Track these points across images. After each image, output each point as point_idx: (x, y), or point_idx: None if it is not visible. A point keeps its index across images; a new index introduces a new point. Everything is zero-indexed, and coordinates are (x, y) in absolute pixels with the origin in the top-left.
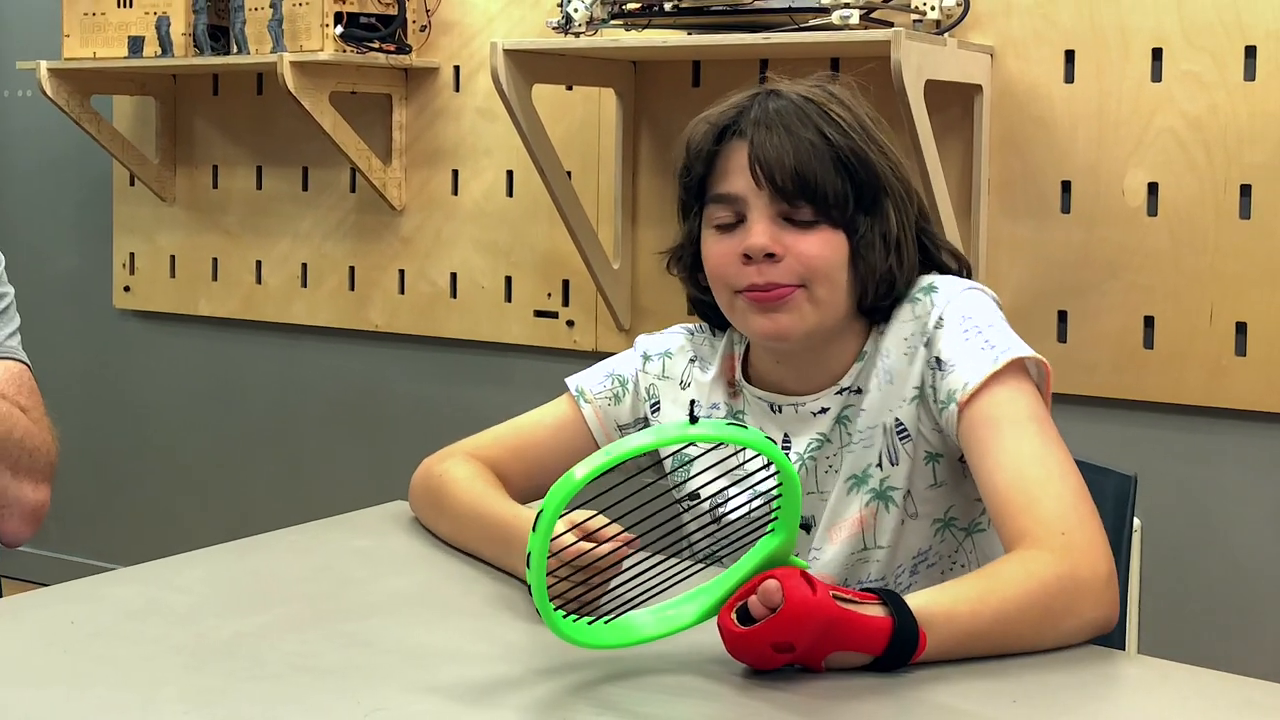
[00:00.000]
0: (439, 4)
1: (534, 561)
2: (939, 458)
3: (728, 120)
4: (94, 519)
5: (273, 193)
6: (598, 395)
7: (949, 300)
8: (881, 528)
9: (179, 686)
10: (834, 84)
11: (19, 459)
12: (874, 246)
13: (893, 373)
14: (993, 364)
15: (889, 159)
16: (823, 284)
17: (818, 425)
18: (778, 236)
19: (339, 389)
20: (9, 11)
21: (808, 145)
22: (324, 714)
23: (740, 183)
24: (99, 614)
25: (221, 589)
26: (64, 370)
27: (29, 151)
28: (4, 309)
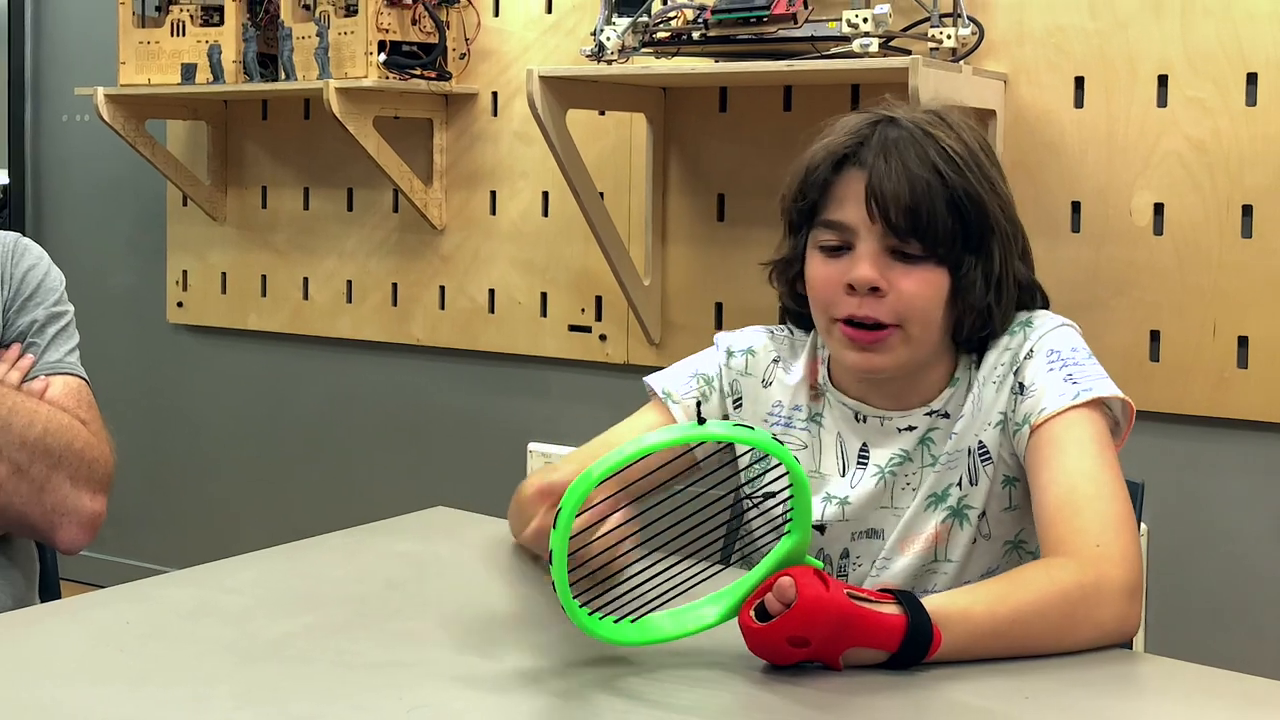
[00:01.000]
0: (478, 33)
1: (555, 558)
2: (1015, 482)
3: (847, 149)
4: (149, 524)
5: (319, 213)
6: (685, 396)
7: (1042, 335)
8: (954, 544)
9: (230, 684)
10: (950, 111)
11: (78, 469)
12: (975, 285)
13: (983, 399)
14: (1073, 399)
15: (1000, 197)
16: (918, 323)
17: (901, 441)
18: (884, 271)
19: (382, 400)
20: (68, 40)
21: (924, 183)
22: (368, 711)
23: (853, 213)
24: (153, 615)
25: (270, 591)
26: (121, 383)
27: (87, 174)
28: (64, 327)
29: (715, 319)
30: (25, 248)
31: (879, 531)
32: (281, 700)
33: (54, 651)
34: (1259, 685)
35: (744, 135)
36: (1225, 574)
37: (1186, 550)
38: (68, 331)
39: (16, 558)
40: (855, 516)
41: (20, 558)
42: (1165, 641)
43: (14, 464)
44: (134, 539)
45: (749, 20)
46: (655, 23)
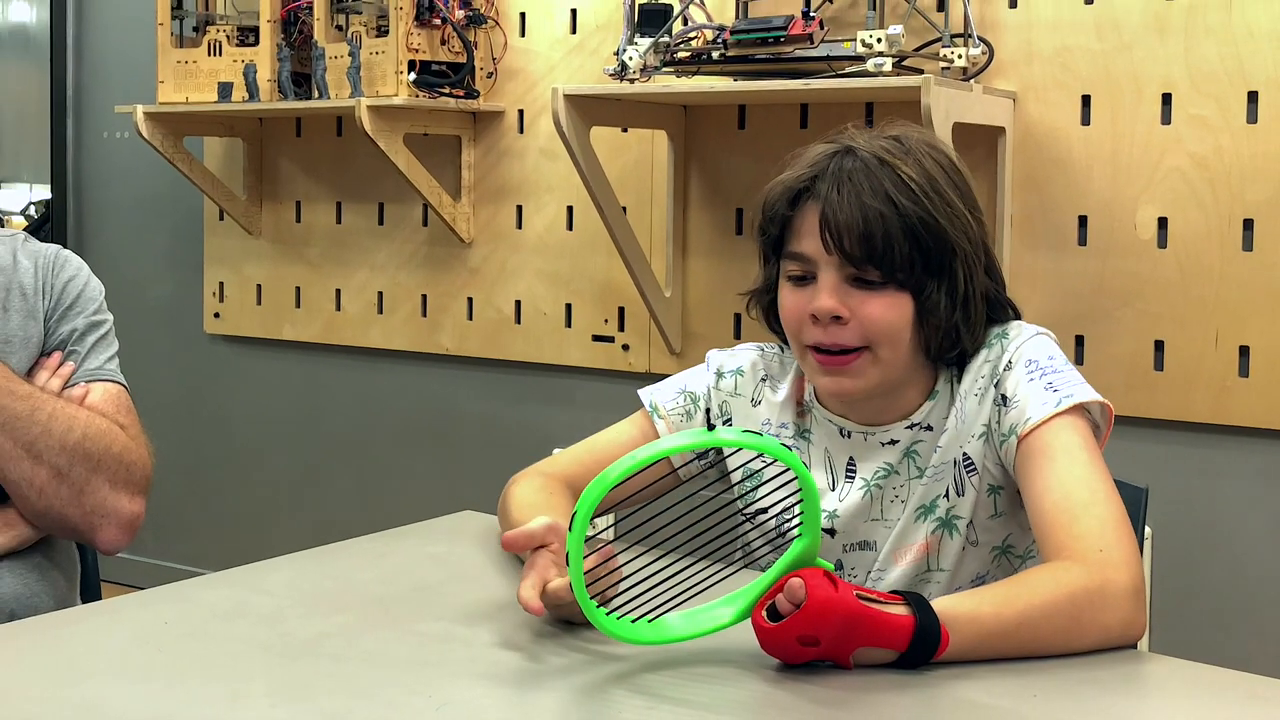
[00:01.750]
0: (505, 53)
1: (572, 559)
2: (1000, 490)
3: (802, 184)
4: (186, 527)
5: (351, 227)
6: (671, 411)
7: (1019, 345)
8: (945, 553)
9: (264, 681)
10: (912, 132)
11: (116, 472)
12: (940, 305)
13: (965, 412)
14: (1056, 406)
15: (959, 220)
16: (886, 345)
17: (885, 455)
18: (844, 299)
19: (412, 408)
20: (108, 59)
21: (876, 213)
22: (398, 707)
23: (811, 245)
24: (191, 615)
25: (304, 592)
26: (159, 390)
27: (126, 189)
28: (103, 335)
29: (734, 329)
30: (66, 259)
31: (871, 543)
32: (314, 697)
33: (95, 650)
34: (1261, 683)
35: (762, 152)
36: (1228, 576)
37: (1190, 553)
38: (107, 340)
39: (58, 560)
40: (845, 529)
41: (62, 560)
42: (1170, 641)
43: (54, 468)
44: (172, 542)
45: (767, 40)
46: (676, 43)
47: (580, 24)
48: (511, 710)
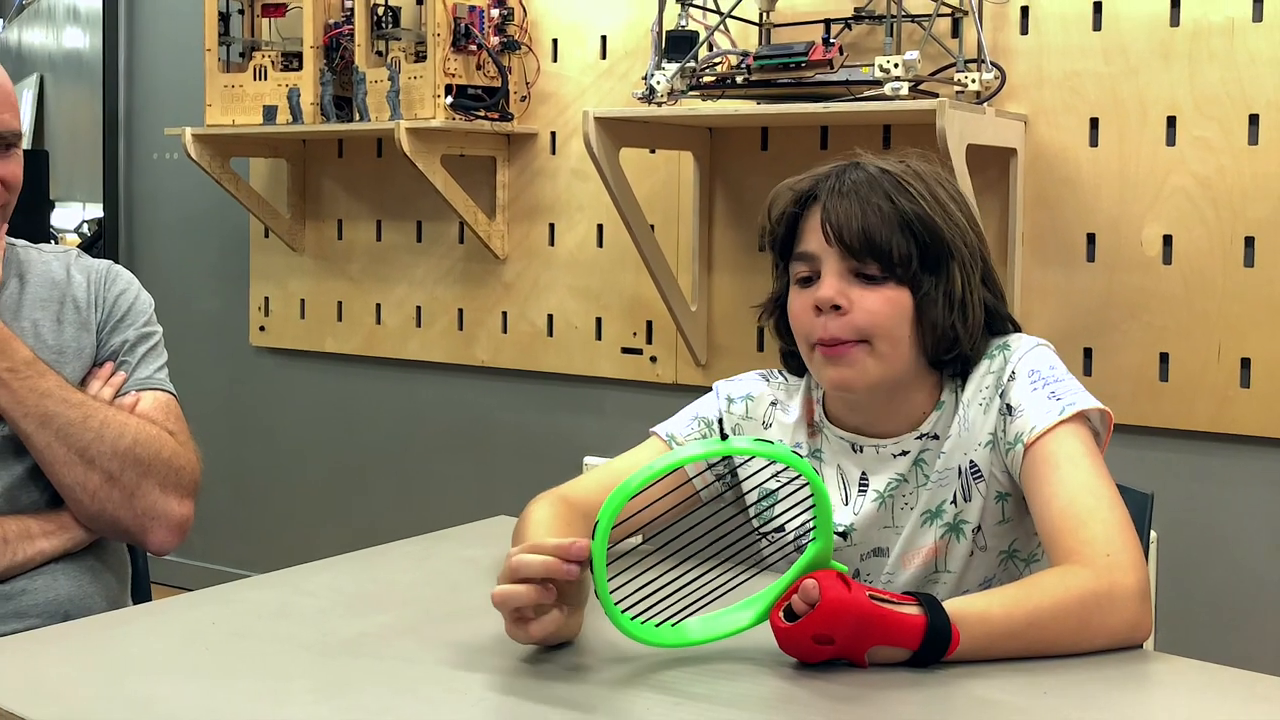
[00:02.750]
0: (538, 77)
1: (595, 564)
2: (1007, 497)
3: (806, 188)
4: (233, 531)
5: (391, 244)
6: (687, 437)
7: (1020, 356)
8: (952, 556)
9: (307, 679)
10: (918, 160)
11: (166, 476)
12: (937, 303)
13: (970, 421)
14: (1059, 414)
15: (955, 225)
16: (884, 339)
17: (896, 466)
18: (845, 290)
19: (449, 417)
20: (158, 84)
21: (875, 209)
22: (435, 703)
23: (815, 242)
24: (237, 615)
25: (345, 593)
26: (207, 400)
27: (176, 208)
28: (153, 346)
29: (757, 342)
30: (117, 274)
31: (884, 549)
32: (355, 694)
33: (146, 649)
34: (1262, 681)
35: (784, 172)
36: (1230, 578)
37: (1194, 556)
38: (157, 350)
39: (110, 562)
40: (861, 540)
41: (114, 562)
42: (1174, 641)
43: (107, 472)
44: (220, 545)
45: (788, 65)
46: (702, 68)
47: (610, 50)
48: (543, 705)
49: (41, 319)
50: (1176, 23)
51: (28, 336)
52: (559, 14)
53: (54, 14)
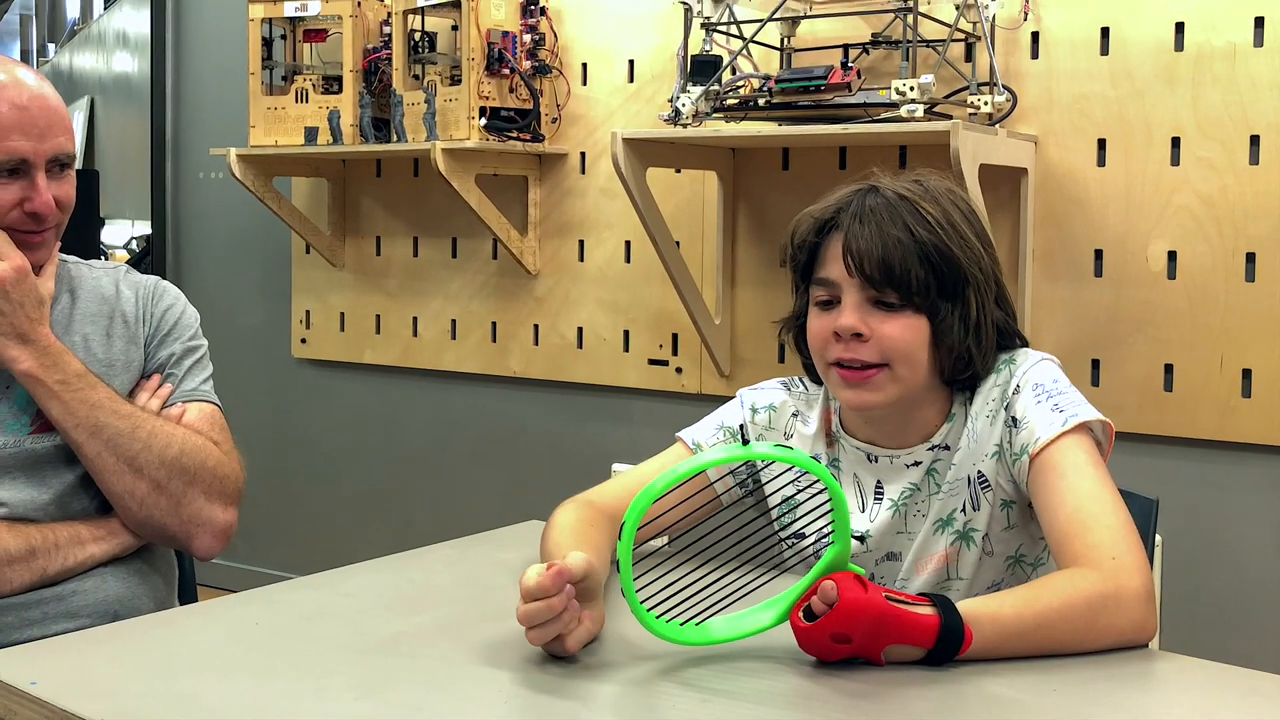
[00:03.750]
0: (568, 100)
1: (622, 565)
2: (1013, 504)
3: (828, 215)
4: (275, 535)
5: (427, 259)
6: (711, 444)
7: (1025, 371)
8: (963, 562)
9: (346, 677)
10: (933, 178)
11: (211, 485)
12: (953, 329)
13: (978, 433)
14: (1062, 425)
15: (971, 252)
16: (903, 363)
17: (910, 476)
18: (865, 319)
19: (483, 426)
20: (204, 106)
21: (894, 240)
22: (469, 699)
23: (836, 270)
24: (279, 616)
25: (383, 595)
26: (251, 410)
27: (221, 225)
28: (199, 359)
29: (778, 354)
30: (164, 289)
31: (897, 555)
32: (393, 691)
33: (192, 648)
34: (1263, 679)
35: (804, 191)
36: (1232, 581)
37: (1197, 560)
38: (202, 363)
39: (158, 565)
40: (876, 546)
41: (161, 565)
42: (1178, 640)
43: (154, 481)
44: (262, 549)
45: (809, 89)
46: (725, 91)
47: (637, 73)
48: (572, 702)
49: (92, 333)
50: (1180, 48)
51: (78, 350)
52: (588, 39)
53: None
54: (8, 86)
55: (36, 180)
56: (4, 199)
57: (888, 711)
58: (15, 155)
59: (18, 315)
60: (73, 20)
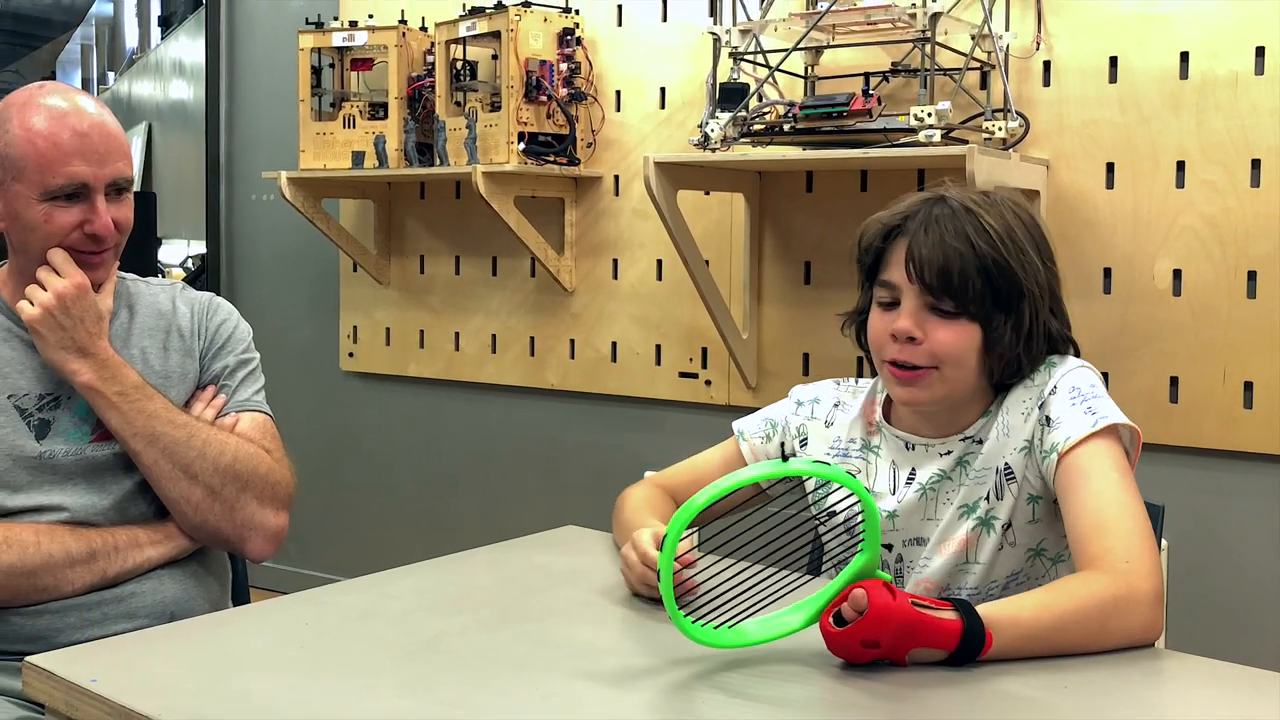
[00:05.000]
0: (603, 125)
1: (663, 575)
2: (1039, 499)
3: (896, 222)
4: (325, 539)
5: (468, 277)
6: (753, 435)
7: (1064, 374)
8: (982, 549)
9: (392, 675)
10: (1002, 191)
11: (263, 491)
12: (1005, 337)
13: (1010, 427)
14: (1091, 426)
15: (1030, 266)
16: (952, 367)
17: (941, 464)
18: (921, 323)
19: (522, 435)
20: (257, 132)
21: (956, 252)
22: (509, 696)
23: (898, 275)
24: (328, 616)
25: (427, 596)
26: (301, 420)
27: (272, 244)
28: (251, 371)
29: (803, 367)
30: (218, 305)
31: (923, 539)
32: (436, 688)
33: (244, 647)
34: (1264, 676)
35: (827, 212)
36: (1235, 583)
37: (1202, 563)
38: (254, 375)
39: (213, 568)
40: (903, 526)
41: (216, 568)
42: (1184, 640)
43: (209, 487)
44: (312, 552)
45: (831, 115)
46: (752, 117)
47: (669, 100)
48: (608, 702)
49: (149, 346)
50: (1185, 76)
51: (136, 363)
52: (622, 67)
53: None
54: (69, 114)
55: (96, 203)
56: (65, 221)
57: (913, 712)
58: (76, 180)
59: (78, 330)
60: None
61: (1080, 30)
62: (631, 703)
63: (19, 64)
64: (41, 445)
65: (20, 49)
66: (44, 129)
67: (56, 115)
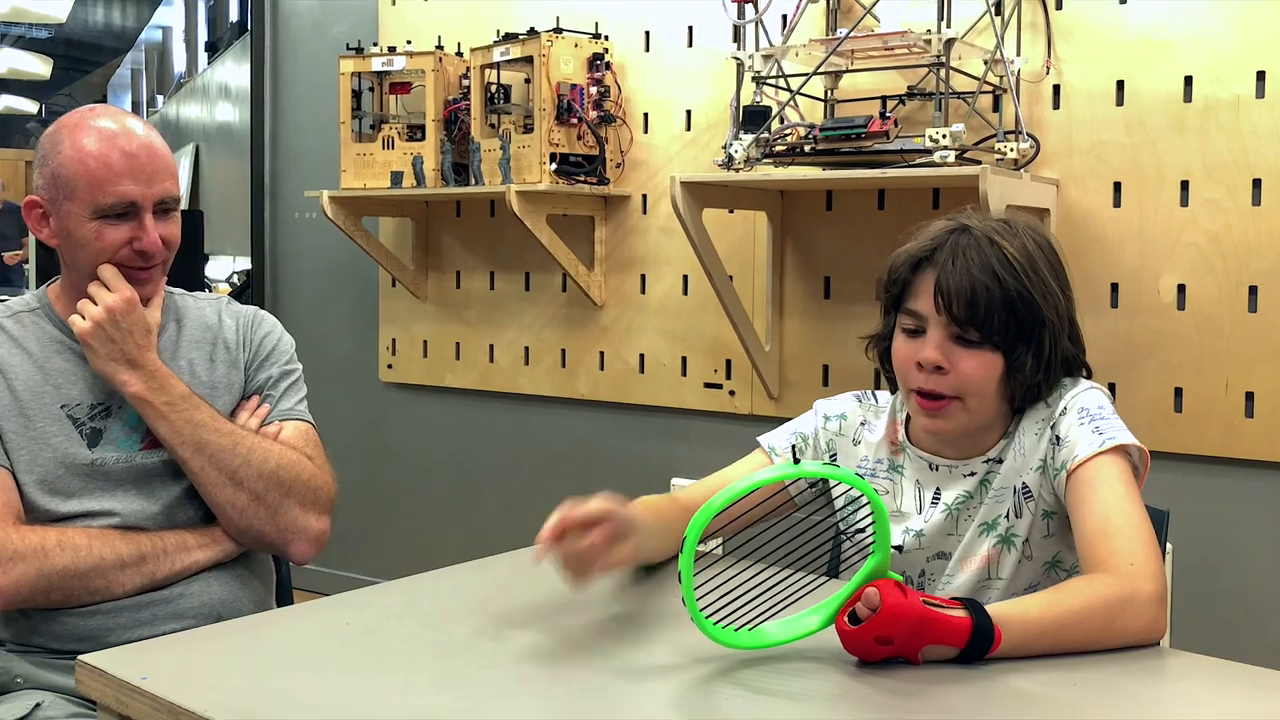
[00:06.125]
0: (631, 146)
1: (683, 577)
2: (1053, 515)
3: (924, 254)
4: (365, 543)
5: (502, 292)
6: (784, 451)
7: (1074, 396)
8: (1003, 564)
9: (429, 673)
10: (1021, 219)
11: (305, 496)
12: (1026, 366)
13: (1025, 448)
14: (1099, 446)
15: (1050, 296)
16: (975, 397)
17: (965, 484)
18: (947, 352)
19: (553, 443)
20: (299, 152)
21: (982, 284)
22: (541, 694)
23: (925, 304)
24: (368, 617)
25: (463, 598)
26: (342, 429)
27: (314, 260)
28: (294, 382)
29: (823, 378)
30: (262, 318)
31: (946, 555)
32: (471, 686)
33: (288, 646)
34: (1264, 674)
35: (846, 229)
36: (1237, 585)
37: (1205, 566)
38: (297, 385)
39: (258, 570)
40: (929, 544)
41: (261, 570)
42: (1187, 639)
43: (253, 493)
44: (353, 555)
45: (850, 137)
46: (774, 139)
47: (694, 123)
48: (636, 698)
49: (196, 358)
50: (1189, 99)
51: (184, 374)
52: (649, 91)
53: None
54: (118, 135)
55: (144, 221)
56: (114, 238)
57: (925, 707)
58: (125, 199)
59: (127, 343)
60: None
61: (1088, 55)
62: (658, 697)
63: (72, 87)
64: (93, 453)
65: (73, 73)
66: (95, 150)
67: (106, 137)
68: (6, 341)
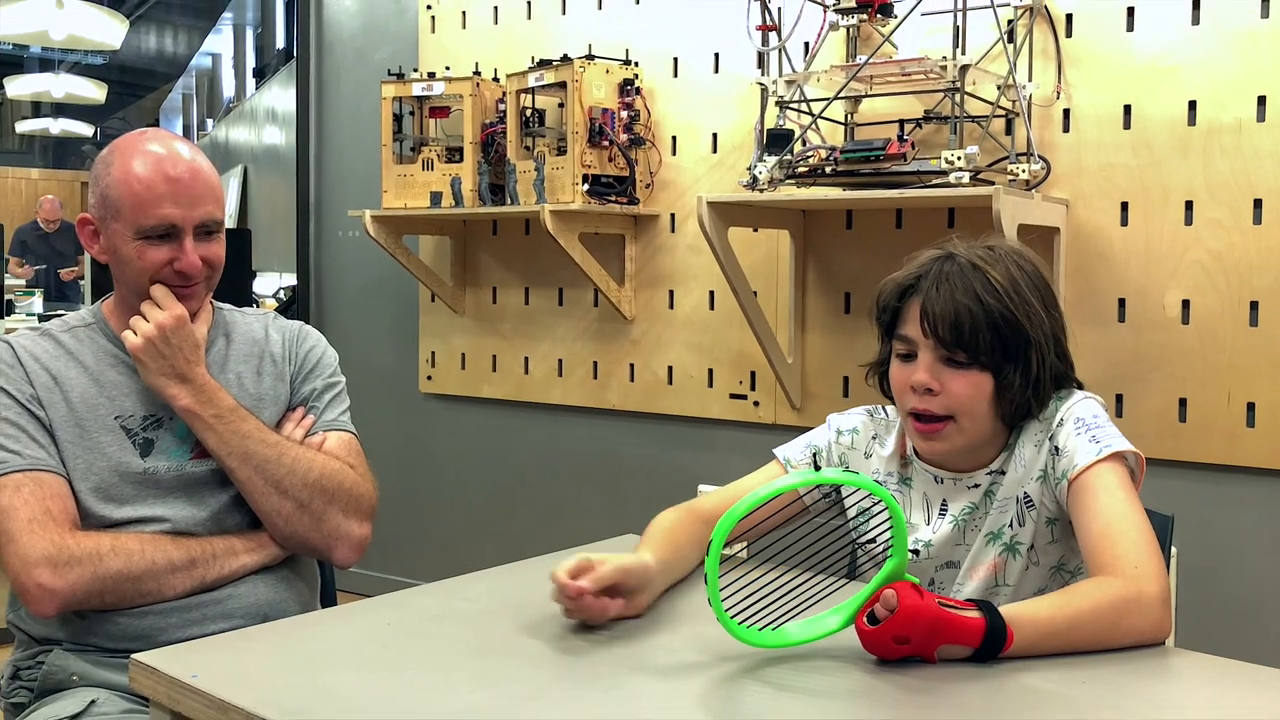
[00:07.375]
0: (660, 168)
1: (709, 578)
2: (1055, 521)
3: (909, 281)
4: (405, 547)
5: (537, 307)
6: (800, 461)
7: (1070, 406)
8: (1010, 571)
9: (467, 671)
10: (1005, 243)
11: (348, 503)
12: (1014, 384)
13: (1026, 459)
14: (1097, 454)
15: (1035, 316)
16: (967, 417)
17: (971, 496)
18: (937, 375)
19: (585, 452)
20: (343, 174)
21: (966, 309)
22: (574, 692)
23: (914, 330)
24: (408, 617)
25: (499, 599)
26: (383, 438)
27: (357, 277)
28: (338, 394)
29: (843, 390)
30: (307, 333)
31: (955, 564)
32: (508, 684)
33: (332, 646)
34: (1264, 673)
35: (865, 247)
36: (1238, 587)
37: (1208, 569)
38: (340, 397)
39: (303, 573)
40: (937, 555)
41: (306, 573)
42: (1192, 639)
43: (298, 500)
44: (394, 559)
45: (869, 158)
46: (797, 160)
47: (720, 145)
48: (664, 695)
49: (244, 371)
50: (1193, 123)
51: (232, 387)
52: (677, 115)
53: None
54: (164, 160)
55: (184, 243)
56: (155, 258)
57: (940, 703)
58: (166, 221)
59: (177, 358)
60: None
61: (1097, 81)
62: (686, 694)
63: (125, 111)
64: (145, 462)
65: (127, 98)
66: (141, 173)
67: (153, 160)
68: (63, 355)
